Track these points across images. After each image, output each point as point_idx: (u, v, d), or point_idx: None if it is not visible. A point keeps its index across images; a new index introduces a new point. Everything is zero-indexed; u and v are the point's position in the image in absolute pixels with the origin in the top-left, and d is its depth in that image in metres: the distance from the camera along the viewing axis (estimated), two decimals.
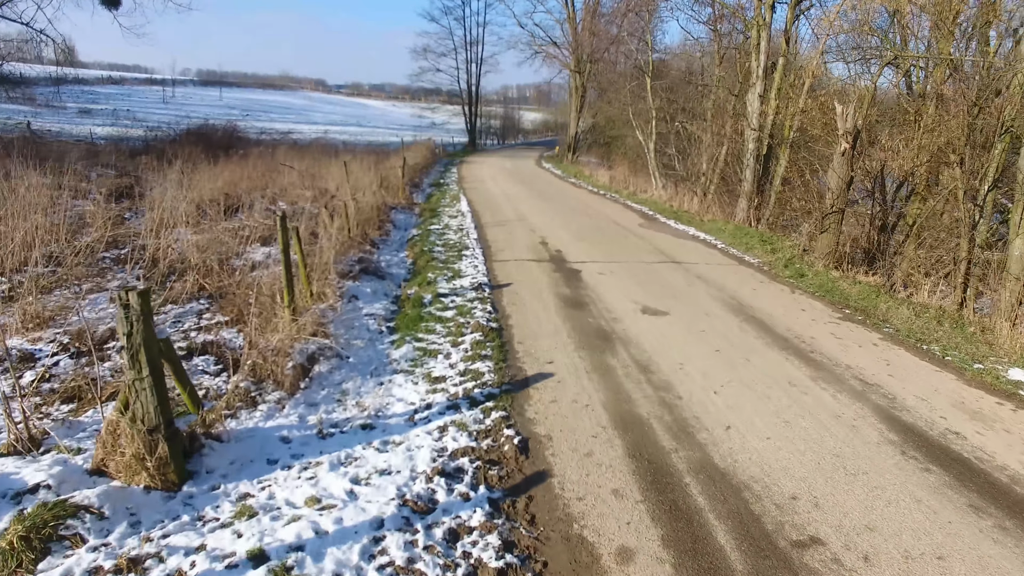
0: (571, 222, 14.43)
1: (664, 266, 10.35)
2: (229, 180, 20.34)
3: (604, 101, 36.94)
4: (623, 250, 11.48)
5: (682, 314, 7.77)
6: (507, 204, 17.27)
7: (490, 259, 10.41)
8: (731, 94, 22.72)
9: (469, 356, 6.14)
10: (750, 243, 12.63)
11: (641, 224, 14.73)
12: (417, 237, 12.48)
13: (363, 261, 9.44)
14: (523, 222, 14.20)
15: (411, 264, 10.45)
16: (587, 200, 19.19)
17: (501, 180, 24.36)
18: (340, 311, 7.46)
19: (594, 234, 13.00)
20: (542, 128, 79.18)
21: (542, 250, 11.21)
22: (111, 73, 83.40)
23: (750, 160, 16.66)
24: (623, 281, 9.22)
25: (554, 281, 9.08)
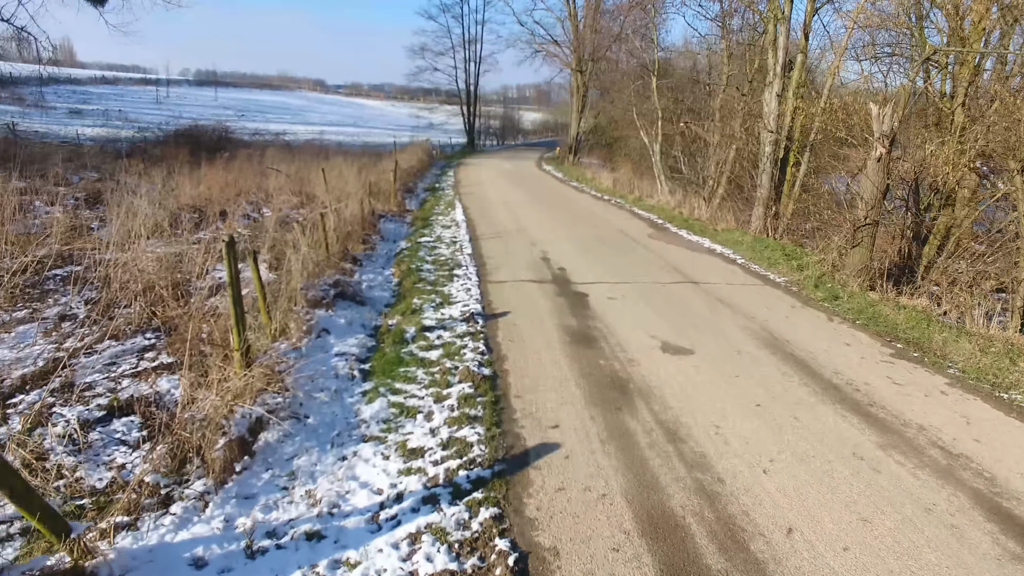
0: (574, 233, 13.25)
1: (681, 287, 9.18)
2: (212, 184, 19.22)
3: (606, 101, 35.82)
4: (633, 267, 10.30)
5: (709, 352, 6.60)
6: (505, 212, 16.09)
7: (485, 280, 9.23)
8: (740, 94, 21.61)
9: (455, 418, 4.96)
10: (772, 258, 11.46)
11: (650, 235, 13.55)
12: (406, 252, 11.31)
13: (340, 284, 8.26)
14: (522, 233, 13.03)
15: (396, 285, 9.27)
16: (591, 206, 18.02)
17: (500, 184, 23.19)
18: (306, 350, 6.30)
19: (600, 247, 11.82)
20: (542, 128, 78.00)
21: (543, 268, 10.04)
22: (104, 73, 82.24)
23: (767, 164, 15.48)
24: (637, 307, 8.05)
25: (558, 308, 7.91)
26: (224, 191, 19.12)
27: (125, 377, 5.86)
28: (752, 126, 20.35)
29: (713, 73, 25.97)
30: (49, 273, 9.64)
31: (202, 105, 65.50)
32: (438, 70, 46.62)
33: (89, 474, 4.10)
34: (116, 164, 24.06)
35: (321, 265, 8.80)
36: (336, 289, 8.11)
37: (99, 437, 4.56)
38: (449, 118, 60.31)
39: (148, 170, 22.39)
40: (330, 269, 9.13)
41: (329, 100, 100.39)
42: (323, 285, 8.06)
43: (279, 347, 6.17)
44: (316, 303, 7.59)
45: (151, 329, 7.22)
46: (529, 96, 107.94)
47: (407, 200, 19.08)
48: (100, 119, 47.75)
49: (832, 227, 12.31)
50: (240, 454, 4.25)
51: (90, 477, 4.05)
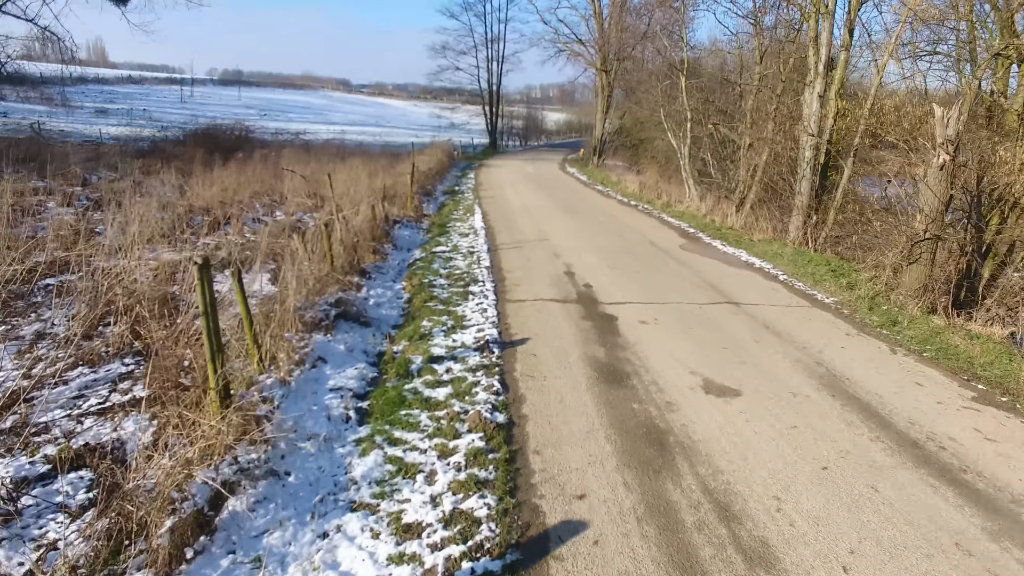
0: (601, 242, 12.36)
1: (720, 309, 8.25)
2: (225, 186, 18.70)
3: (632, 102, 34.78)
4: (666, 284, 9.39)
5: (758, 393, 5.69)
6: (527, 219, 15.25)
7: (503, 298, 8.40)
8: (773, 94, 20.54)
9: (461, 482, 4.14)
10: (818, 273, 10.46)
11: (682, 245, 12.60)
12: (419, 263, 10.53)
13: (342, 303, 7.49)
14: (545, 243, 12.17)
15: (406, 302, 8.49)
16: (617, 213, 17.10)
17: (521, 188, 22.36)
18: (296, 385, 5.53)
19: (629, 260, 10.92)
20: (565, 129, 76.98)
21: (567, 283, 9.18)
22: (131, 73, 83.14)
23: (807, 170, 14.43)
24: (672, 334, 7.16)
25: (583, 334, 7.04)
26: (237, 192, 18.60)
27: (89, 415, 5.14)
28: (787, 128, 19.29)
29: (744, 73, 24.86)
30: (41, 283, 9.03)
31: (225, 104, 65.73)
32: (460, 69, 45.95)
33: (9, 556, 3.36)
34: (133, 164, 23.84)
35: (324, 280, 8.05)
36: (338, 309, 7.34)
37: (34, 502, 3.82)
38: (471, 118, 59.70)
39: (165, 170, 22.04)
40: (334, 284, 8.37)
41: (352, 100, 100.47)
42: (323, 304, 7.30)
43: (265, 381, 5.40)
44: (314, 325, 6.83)
45: (133, 352, 6.52)
46: (552, 96, 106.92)
47: (425, 204, 18.35)
48: (124, 118, 48.07)
49: (882, 240, 11.26)
50: (195, 534, 3.47)
51: (8, 562, 3.30)
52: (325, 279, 7.98)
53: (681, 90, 23.95)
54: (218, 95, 77.13)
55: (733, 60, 27.04)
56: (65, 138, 33.55)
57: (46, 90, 53.42)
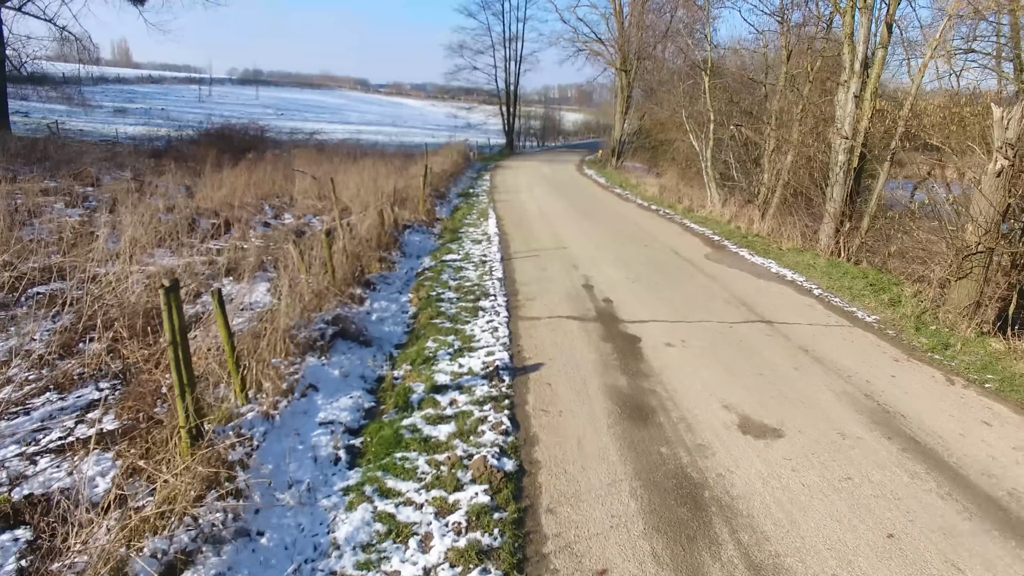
0: (621, 252, 11.67)
1: (753, 329, 7.53)
2: (235, 187, 18.29)
3: (653, 102, 33.95)
4: (692, 299, 8.69)
5: (803, 434, 4.99)
6: (543, 224, 14.59)
7: (516, 314, 7.75)
8: (800, 95, 19.70)
9: (461, 551, 3.50)
10: (855, 288, 9.69)
11: (708, 255, 11.87)
12: (428, 272, 9.92)
13: (341, 321, 6.90)
14: (562, 251, 11.51)
15: (412, 317, 7.88)
16: (637, 218, 16.38)
17: (538, 190, 21.70)
18: (281, 419, 4.94)
19: (651, 271, 10.23)
20: (583, 129, 76.17)
21: (586, 298, 8.51)
22: (151, 72, 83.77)
23: (839, 175, 13.62)
24: (701, 359, 6.46)
25: (603, 359, 6.38)
26: (246, 194, 18.19)
27: (46, 452, 4.59)
28: (818, 130, 18.47)
29: (770, 73, 24.00)
30: (32, 290, 8.54)
31: (243, 104, 65.86)
32: (477, 69, 45.37)
33: None
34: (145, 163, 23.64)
35: (322, 294, 7.46)
36: (336, 327, 6.74)
37: None
38: (488, 118, 59.11)
39: (178, 170, 21.76)
40: (333, 298, 7.79)
41: (369, 99, 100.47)
42: (320, 322, 6.71)
43: (247, 416, 4.81)
44: (308, 346, 6.24)
45: (111, 375, 5.98)
46: (570, 96, 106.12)
47: (438, 207, 17.78)
48: (142, 118, 48.30)
49: (926, 251, 10.44)
50: None
51: None
52: (324, 293, 7.40)
53: (704, 90, 23.19)
54: (236, 95, 77.42)
55: (757, 59, 26.21)
56: (83, 137, 33.60)
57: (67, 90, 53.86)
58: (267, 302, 8.58)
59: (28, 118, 36.04)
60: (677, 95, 26.10)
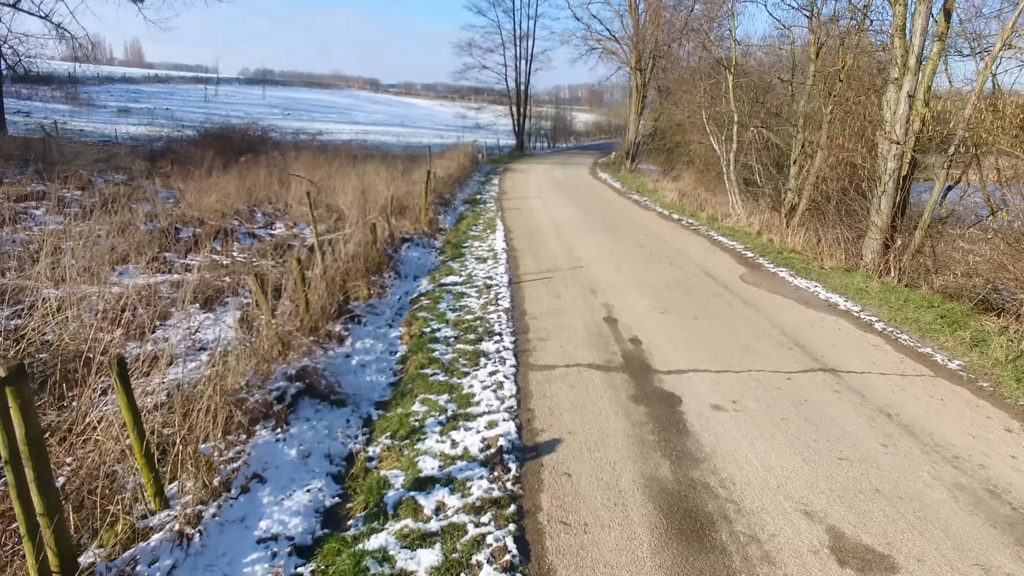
0: (645, 272, 10.27)
1: (816, 382, 6.12)
2: (228, 192, 17.07)
3: (670, 102, 32.45)
4: (735, 337, 7.28)
5: (923, 565, 3.59)
6: (555, 237, 13.19)
7: (525, 361, 6.37)
8: (830, 95, 18.25)
9: None
10: (923, 321, 8.24)
11: (743, 276, 10.44)
12: (425, 298, 8.58)
13: (308, 374, 5.55)
14: (578, 272, 10.12)
15: (400, 361, 6.53)
16: (659, 229, 14.96)
17: (549, 196, 20.30)
18: (202, 537, 3.59)
19: (682, 298, 8.82)
20: (595, 130, 74.70)
21: (609, 337, 7.12)
22: (157, 72, 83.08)
23: (888, 183, 12.14)
24: (762, 432, 5.06)
25: (637, 433, 4.99)
26: (238, 200, 16.95)
27: None
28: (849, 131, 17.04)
29: (797, 71, 22.51)
30: None
31: (249, 104, 64.93)
32: (487, 68, 44.04)
33: None
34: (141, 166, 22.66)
35: (290, 337, 6.12)
36: (301, 383, 5.40)
37: None
38: (497, 118, 57.78)
39: (173, 173, 20.69)
40: (307, 336, 6.46)
41: (378, 99, 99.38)
42: (280, 377, 5.36)
43: (152, 541, 3.47)
44: (263, 412, 4.90)
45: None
46: (581, 96, 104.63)
47: (442, 215, 16.46)
48: (146, 117, 47.48)
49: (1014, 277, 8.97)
50: None
51: None
52: (292, 336, 6.05)
53: (727, 89, 21.74)
54: (243, 94, 76.58)
55: (782, 57, 24.74)
56: (83, 137, 32.67)
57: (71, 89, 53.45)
58: (231, 340, 7.29)
59: (29, 118, 35.19)
60: (697, 95, 24.66)
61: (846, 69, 18.26)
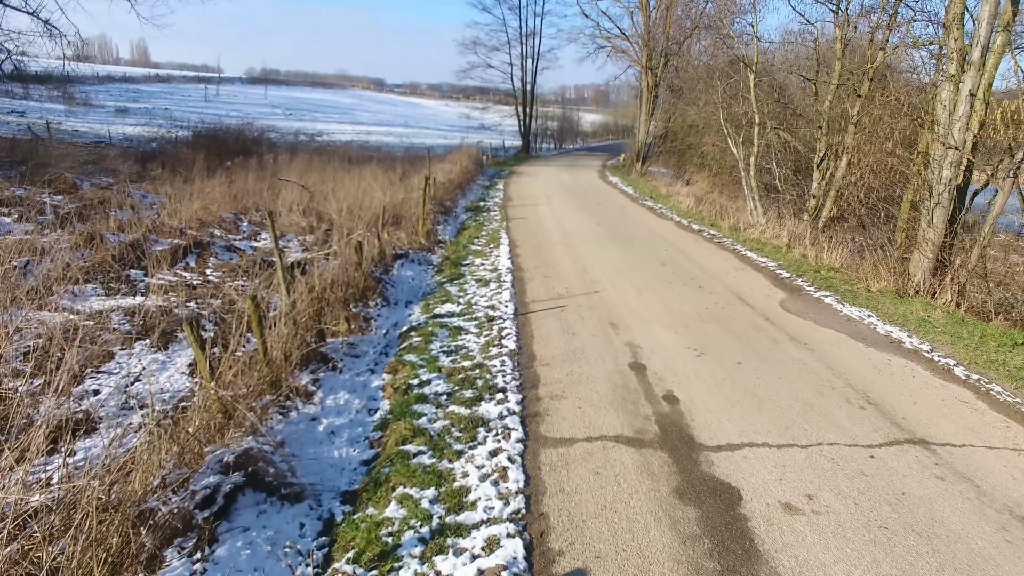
0: (671, 298, 8.93)
1: (909, 463, 4.76)
2: (215, 198, 15.83)
3: (685, 102, 31.03)
4: (793, 392, 5.92)
5: None
6: (566, 253, 11.84)
7: (536, 434, 5.03)
8: (856, 95, 16.92)
9: None
10: (1011, 364, 6.87)
11: (784, 302, 9.08)
12: (415, 334, 7.25)
13: (252, 459, 4.21)
14: (594, 299, 8.78)
15: (379, 427, 5.21)
16: (680, 242, 13.59)
17: (558, 203, 18.95)
18: None
19: (719, 334, 7.47)
20: (601, 131, 73.28)
21: (638, 392, 5.78)
22: (159, 72, 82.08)
23: (942, 194, 10.76)
24: (860, 553, 3.71)
25: (690, 557, 3.64)
26: (225, 206, 15.71)
27: None
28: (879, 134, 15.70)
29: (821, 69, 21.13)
30: None
31: (250, 104, 63.83)
32: (492, 67, 42.66)
33: None
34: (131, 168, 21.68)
35: (240, 401, 4.80)
36: (242, 472, 4.08)
37: None
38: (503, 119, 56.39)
39: (163, 176, 19.60)
40: (265, 395, 5.15)
41: (382, 99, 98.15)
42: (213, 468, 4.03)
43: None
44: (181, 526, 3.59)
45: None
46: (587, 96, 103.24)
47: (441, 225, 15.15)
48: (144, 118, 46.44)
49: None
50: None
51: None
52: (234, 404, 4.71)
53: (749, 89, 20.37)
54: (245, 94, 75.51)
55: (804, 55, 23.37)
56: (76, 138, 31.60)
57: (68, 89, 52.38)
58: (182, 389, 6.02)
59: (23, 118, 34.16)
60: (714, 94, 23.28)
61: (875, 67, 16.90)
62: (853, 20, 18.71)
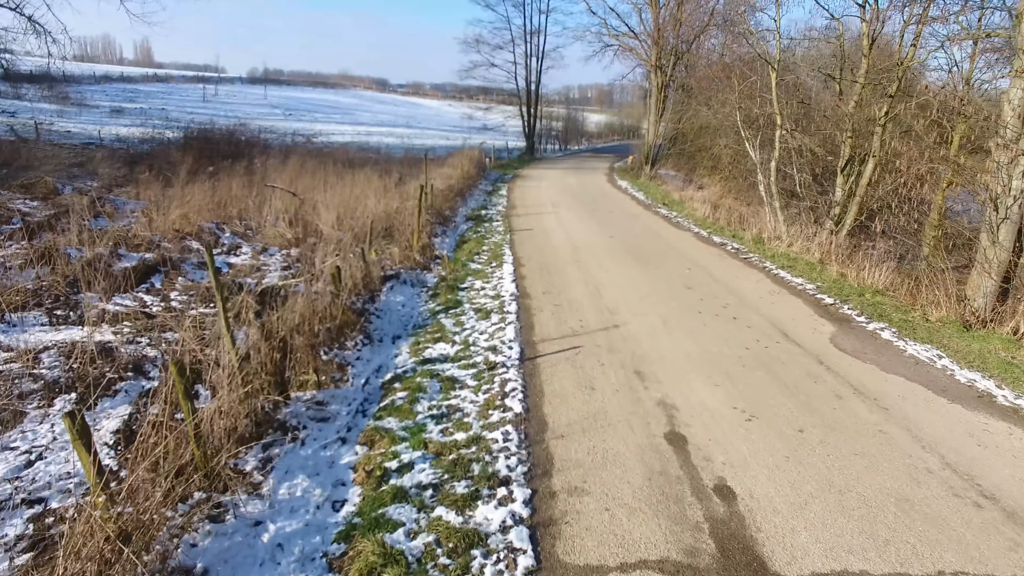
0: (704, 333, 7.60)
1: None
2: (198, 205, 14.55)
3: (696, 103, 29.66)
4: (881, 481, 4.59)
5: None
6: (579, 274, 10.50)
7: (551, 557, 3.71)
8: (886, 95, 15.61)
9: None
10: None
11: (834, 338, 7.74)
12: (400, 388, 5.94)
13: None
14: (614, 336, 7.45)
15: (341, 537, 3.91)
16: (702, 258, 12.24)
17: (565, 212, 17.61)
18: None
19: (769, 387, 6.14)
20: (607, 131, 71.80)
21: (682, 483, 4.46)
22: (157, 71, 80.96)
23: (1011, 208, 9.41)
24: None
25: None
26: (204, 215, 14.41)
27: None
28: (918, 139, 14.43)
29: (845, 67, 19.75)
30: None
31: (249, 104, 62.63)
32: (495, 65, 41.29)
33: None
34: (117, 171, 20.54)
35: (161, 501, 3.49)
36: None
37: None
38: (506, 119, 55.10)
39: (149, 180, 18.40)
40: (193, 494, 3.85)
41: (384, 99, 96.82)
42: None
43: None
44: None
45: None
46: (591, 96, 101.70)
47: (439, 237, 13.86)
48: (139, 118, 45.32)
49: None
50: None
51: None
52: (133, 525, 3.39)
53: (770, 89, 19.02)
54: (244, 94, 74.32)
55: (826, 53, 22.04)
56: (66, 139, 30.48)
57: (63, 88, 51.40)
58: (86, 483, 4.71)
59: (14, 118, 33.02)
60: (730, 95, 21.92)
61: (907, 65, 15.56)
62: (883, 12, 17.29)
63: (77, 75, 66.51)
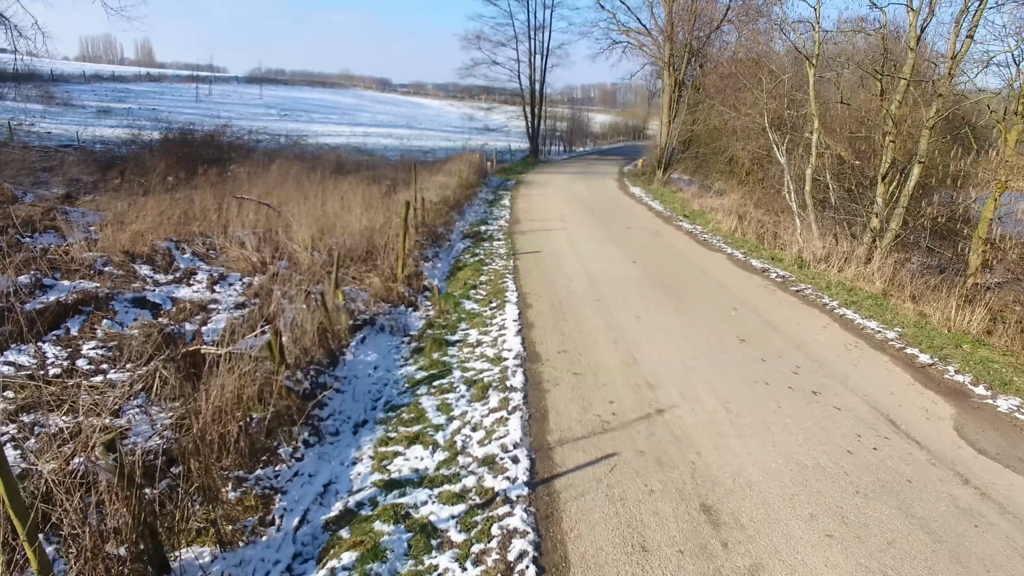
0: (788, 435, 5.48)
1: None
2: (155, 220, 12.48)
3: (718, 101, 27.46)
4: None
5: None
6: (602, 323, 8.32)
7: None
8: (935, 94, 13.63)
9: None
10: None
11: (960, 428, 5.60)
12: (345, 541, 3.85)
13: None
14: (661, 432, 5.34)
15: None
16: (747, 292, 10.08)
17: (577, 227, 15.45)
18: None
19: (915, 541, 4.03)
20: (611, 132, 69.57)
21: None
22: (150, 70, 78.95)
23: None
24: None
25: None
26: (160, 232, 12.30)
27: None
28: None
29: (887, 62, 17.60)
30: None
31: (244, 104, 60.60)
32: (497, 63, 39.13)
33: None
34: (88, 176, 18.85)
35: None
36: None
37: None
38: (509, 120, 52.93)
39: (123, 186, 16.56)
40: None
41: (384, 99, 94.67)
42: None
43: None
44: None
45: None
46: (594, 97, 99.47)
47: (430, 262, 11.75)
48: (126, 119, 43.34)
49: None
50: None
51: None
52: None
53: (807, 87, 16.93)
54: (239, 93, 72.31)
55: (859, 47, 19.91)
56: (45, 141, 28.60)
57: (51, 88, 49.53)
58: None
59: None
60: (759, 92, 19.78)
61: (958, 59, 13.53)
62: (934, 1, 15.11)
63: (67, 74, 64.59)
